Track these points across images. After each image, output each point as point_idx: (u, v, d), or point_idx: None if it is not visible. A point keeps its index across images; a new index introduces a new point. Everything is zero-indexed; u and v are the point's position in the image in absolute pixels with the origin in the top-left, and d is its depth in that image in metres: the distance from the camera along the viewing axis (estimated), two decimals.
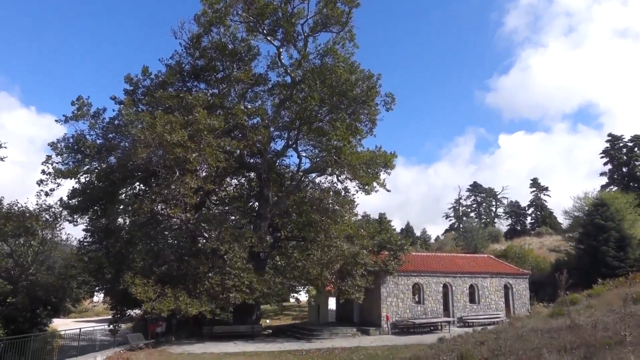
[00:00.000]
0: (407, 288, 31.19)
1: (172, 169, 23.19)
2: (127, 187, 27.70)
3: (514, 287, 35.36)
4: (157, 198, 22.99)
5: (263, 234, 27.24)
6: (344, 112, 25.42)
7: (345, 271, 27.50)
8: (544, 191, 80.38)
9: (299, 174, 30.17)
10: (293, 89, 27.56)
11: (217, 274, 23.72)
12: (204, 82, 30.78)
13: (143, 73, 28.83)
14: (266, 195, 28.48)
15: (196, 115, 23.05)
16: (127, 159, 24.18)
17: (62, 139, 27.25)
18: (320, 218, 26.45)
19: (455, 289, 32.98)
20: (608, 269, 37.59)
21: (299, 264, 26.18)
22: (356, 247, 27.60)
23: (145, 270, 24.15)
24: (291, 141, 29.19)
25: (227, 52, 29.08)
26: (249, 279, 23.81)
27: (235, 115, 25.36)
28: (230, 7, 27.08)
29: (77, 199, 27.47)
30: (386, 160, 28.36)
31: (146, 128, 22.05)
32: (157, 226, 27.79)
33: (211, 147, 22.98)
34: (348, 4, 27.25)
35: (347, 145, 25.75)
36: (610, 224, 41.59)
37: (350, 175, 27.16)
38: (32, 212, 32.55)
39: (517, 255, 49.75)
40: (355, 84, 24.44)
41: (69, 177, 26.52)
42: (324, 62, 26.17)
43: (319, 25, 28.03)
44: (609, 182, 68.13)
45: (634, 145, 67.25)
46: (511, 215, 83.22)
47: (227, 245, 24.08)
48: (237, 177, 32.92)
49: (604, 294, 24.40)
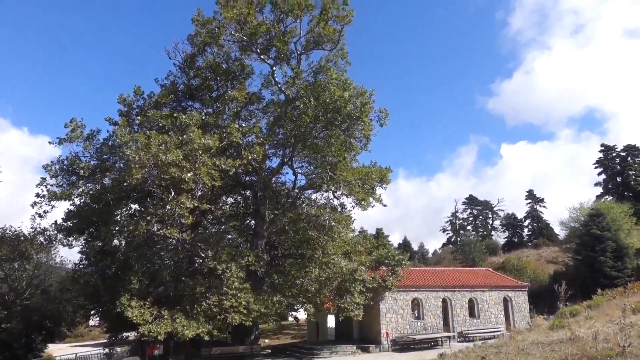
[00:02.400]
0: (406, 304, 31.00)
1: (168, 188, 23.10)
2: (122, 208, 27.53)
3: (513, 300, 35.21)
4: (153, 218, 22.84)
5: (260, 252, 27.08)
6: (338, 129, 25.46)
7: (343, 288, 27.32)
8: (539, 203, 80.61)
9: (295, 191, 30.11)
10: (287, 106, 27.65)
11: (214, 294, 23.49)
12: (199, 101, 30.88)
13: (135, 93, 28.95)
14: (262, 213, 28.38)
15: (191, 135, 23.05)
16: (122, 179, 24.09)
17: (57, 161, 27.18)
18: (317, 235, 26.34)
19: (455, 303, 32.80)
20: (606, 279, 37.58)
21: (297, 281, 26.00)
22: (354, 263, 27.48)
23: (142, 292, 23.88)
24: (286, 158, 29.21)
25: (221, 72, 29.27)
26: (247, 298, 23.58)
27: (230, 134, 25.36)
28: (223, 28, 27.30)
29: (71, 221, 27.28)
30: (381, 175, 28.38)
31: (141, 148, 21.99)
32: (153, 247, 27.56)
33: (206, 166, 22.93)
34: (340, 22, 27.52)
35: (342, 161, 25.76)
36: (607, 234, 41.69)
37: (346, 191, 27.12)
38: (27, 236, 32.34)
39: (515, 268, 49.73)
40: (348, 101, 24.51)
41: (63, 199, 26.36)
42: (317, 80, 26.29)
43: (311, 44, 28.27)
44: (604, 192, 68.50)
45: (627, 155, 67.79)
46: (508, 227, 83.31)
47: (224, 264, 23.89)
48: (233, 196, 32.84)
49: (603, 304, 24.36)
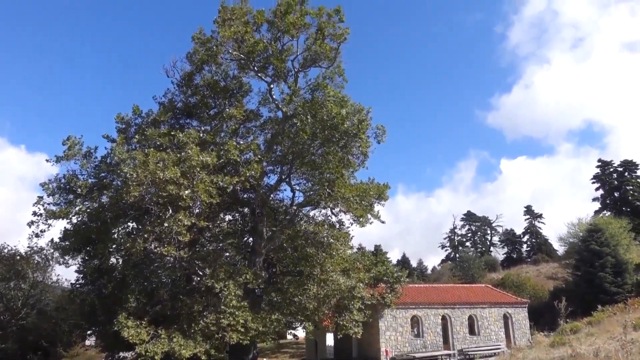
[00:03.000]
0: (405, 321, 30.76)
1: (165, 206, 23.03)
2: (119, 226, 27.39)
3: (514, 317, 34.96)
4: (150, 236, 22.71)
5: (258, 269, 26.90)
6: (336, 146, 25.49)
7: (342, 305, 27.13)
8: (538, 218, 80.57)
9: (293, 207, 30.05)
10: (285, 123, 27.75)
11: (211, 312, 23.26)
12: (197, 119, 30.97)
13: (134, 112, 29.02)
14: (260, 230, 28.27)
15: (189, 152, 23.06)
16: (120, 197, 24.01)
17: (54, 179, 27.09)
18: (315, 252, 26.22)
19: (455, 320, 32.57)
20: (606, 295, 37.40)
21: (295, 299, 25.81)
22: (352, 280, 27.32)
23: (139, 311, 23.66)
24: (284, 175, 29.21)
25: (219, 89, 29.42)
26: (244, 317, 23.35)
27: (227, 151, 25.37)
28: (222, 46, 27.53)
29: (68, 240, 27.11)
30: (379, 192, 28.36)
31: (138, 166, 21.98)
32: (150, 265, 27.38)
33: (204, 184, 22.90)
34: (336, 40, 27.79)
35: (340, 178, 25.76)
36: (606, 250, 41.61)
37: (344, 208, 27.07)
38: (23, 255, 32.14)
39: (515, 284, 49.49)
40: (346, 118, 24.61)
41: (61, 218, 26.24)
42: (314, 97, 26.42)
43: (308, 61, 28.47)
44: (602, 207, 68.55)
45: (624, 170, 68.02)
46: (507, 243, 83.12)
47: (222, 282, 23.72)
48: (231, 213, 32.73)
49: (604, 321, 24.21)
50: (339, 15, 27.46)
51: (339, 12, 27.45)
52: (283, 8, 26.58)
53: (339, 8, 27.42)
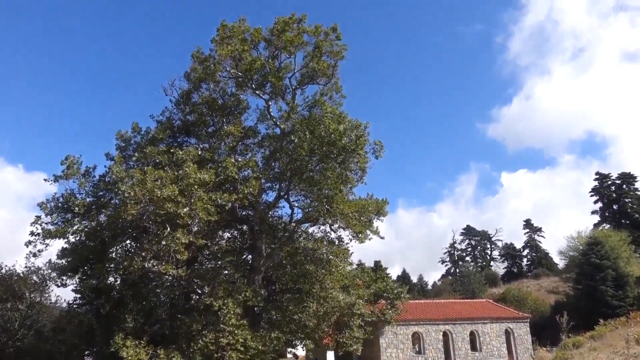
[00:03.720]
0: (406, 338, 30.49)
1: (163, 224, 22.93)
2: (117, 245, 27.26)
3: (515, 332, 34.68)
4: (148, 255, 22.59)
5: (257, 287, 26.72)
6: (334, 162, 25.52)
7: (342, 323, 26.89)
8: (537, 232, 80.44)
9: (292, 224, 29.97)
10: (283, 140, 27.83)
11: (211, 331, 23.02)
12: (195, 136, 31.03)
13: (133, 129, 29.11)
14: (259, 247, 28.15)
15: (187, 170, 23.06)
16: (118, 216, 23.93)
17: (52, 199, 27.03)
18: (314, 268, 26.07)
19: (456, 336, 32.29)
20: (608, 308, 37.17)
21: (295, 317, 25.58)
22: (352, 297, 27.11)
23: (137, 331, 23.43)
24: (283, 192, 29.19)
25: (217, 107, 29.50)
26: (244, 335, 23.11)
27: (226, 169, 25.38)
28: (219, 64, 27.73)
29: (66, 259, 26.96)
30: (378, 208, 28.33)
31: (136, 184, 21.96)
32: (148, 284, 27.21)
33: (202, 201, 22.86)
34: (333, 57, 28.03)
35: (338, 194, 25.74)
36: (606, 263, 41.49)
37: (343, 224, 27.00)
38: (20, 275, 31.88)
39: (516, 299, 49.20)
40: (343, 134, 24.69)
41: (58, 237, 26.12)
42: (312, 113, 26.56)
43: (306, 78, 28.69)
44: (601, 220, 68.52)
45: (622, 183, 68.17)
46: (507, 257, 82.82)
47: (221, 300, 23.52)
48: (230, 231, 32.63)
49: (607, 335, 24.00)
50: (336, 33, 27.78)
51: (335, 30, 27.77)
52: (280, 26, 26.87)
53: (335, 26, 27.75)
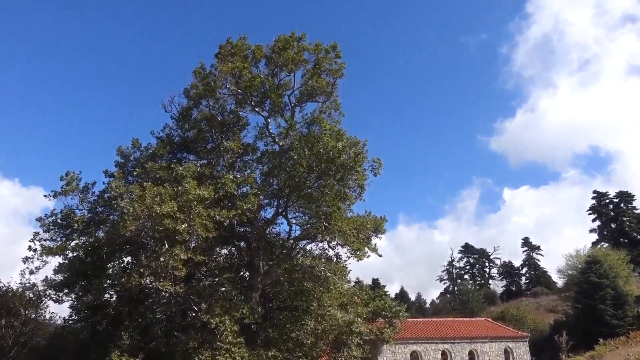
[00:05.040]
0: (405, 357, 30.23)
1: (161, 240, 22.87)
2: (115, 261, 27.14)
3: (515, 352, 34.42)
4: (146, 271, 22.49)
5: (254, 304, 26.53)
6: (333, 179, 25.58)
7: (340, 341, 26.62)
8: (536, 250, 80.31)
9: (290, 241, 29.90)
10: (281, 157, 27.94)
11: (207, 349, 22.78)
12: (194, 153, 31.14)
13: (133, 145, 29.21)
14: (257, 264, 28.03)
15: (186, 186, 23.09)
16: (116, 232, 23.89)
17: (50, 214, 27.02)
18: (312, 286, 25.94)
19: (455, 355, 32.04)
20: (607, 328, 36.94)
21: (292, 334, 25.33)
22: (351, 315, 26.89)
23: (133, 348, 23.16)
24: (281, 209, 29.18)
25: (217, 124, 29.69)
26: (241, 354, 22.89)
27: (224, 185, 25.43)
28: (220, 81, 27.99)
29: (62, 275, 26.78)
30: (376, 225, 28.32)
31: (135, 200, 21.98)
32: (145, 301, 27.01)
33: (201, 218, 22.85)
34: (332, 75, 28.33)
35: (336, 211, 25.74)
36: (605, 282, 41.37)
37: (341, 241, 26.95)
38: (15, 292, 31.62)
39: (515, 317, 48.91)
40: (342, 151, 24.81)
41: (57, 254, 26.03)
42: (311, 131, 26.72)
43: (305, 96, 28.96)
44: (599, 238, 68.53)
45: (620, 202, 68.33)
46: (505, 276, 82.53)
47: (218, 318, 23.32)
48: (227, 247, 32.50)
49: (606, 355, 23.86)
50: (336, 51, 28.16)
51: (335, 48, 28.16)
52: (281, 44, 27.22)
53: (335, 44, 28.15)
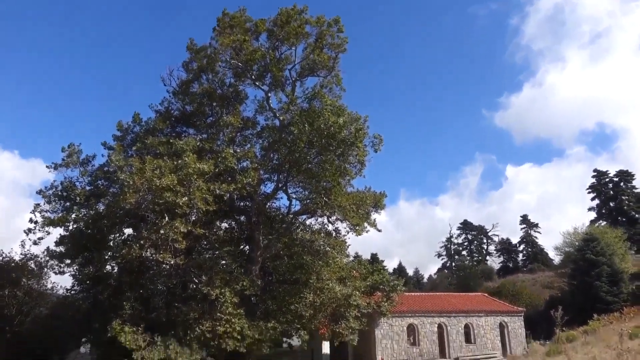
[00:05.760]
0: (401, 329, 30.69)
1: (162, 213, 23.00)
2: (115, 233, 27.35)
3: (510, 326, 34.95)
4: (146, 243, 22.68)
5: (254, 277, 26.85)
6: (333, 154, 25.53)
7: (338, 314, 27.04)
8: (534, 228, 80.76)
9: (290, 216, 30.06)
10: (282, 132, 27.84)
11: (207, 320, 23.16)
12: (193, 127, 31.04)
13: (134, 120, 29.07)
14: (257, 238, 28.26)
15: (186, 160, 23.10)
16: (116, 204, 24.00)
17: (51, 187, 27.11)
18: (311, 260, 26.20)
19: (451, 329, 32.53)
20: (602, 304, 37.46)
21: (291, 307, 25.72)
22: (349, 288, 27.25)
23: (134, 318, 23.52)
24: (281, 183, 29.25)
25: (216, 97, 29.49)
26: (241, 324, 23.28)
27: (224, 159, 25.42)
28: (219, 54, 27.69)
29: (64, 247, 27.03)
30: (376, 200, 28.44)
31: (135, 173, 22.01)
32: (146, 272, 27.31)
33: (201, 191, 22.92)
34: (334, 50, 28.01)
35: (336, 186, 25.80)
36: (602, 259, 41.73)
37: (340, 216, 27.11)
38: (18, 263, 31.96)
39: (511, 293, 49.51)
40: (343, 126, 24.68)
41: (58, 225, 26.19)
42: (311, 106, 26.53)
43: (306, 70, 28.68)
44: (598, 217, 68.82)
45: (620, 180, 68.40)
46: (503, 252, 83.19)
47: (218, 290, 23.64)
48: (228, 221, 32.71)
49: (600, 330, 24.26)
50: (338, 25, 27.76)
51: (338, 22, 27.75)
52: (284, 17, 26.81)
53: (337, 18, 27.72)
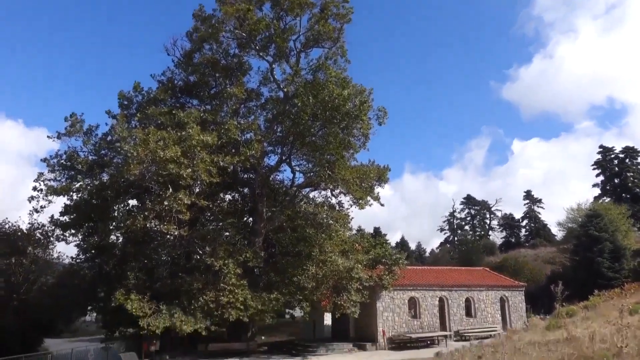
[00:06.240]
0: (403, 302, 30.97)
1: (166, 185, 23.05)
2: (120, 204, 27.46)
3: (510, 300, 35.24)
4: (151, 214, 22.79)
5: (257, 249, 27.06)
6: (337, 127, 25.37)
7: (340, 286, 27.29)
8: (537, 203, 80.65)
9: (293, 188, 30.09)
10: (286, 104, 27.62)
11: (211, 290, 23.45)
12: (197, 98, 30.82)
13: (135, 89, 28.80)
14: (260, 210, 28.36)
15: (189, 131, 23.00)
16: (120, 175, 24.05)
17: (55, 156, 27.16)
18: (314, 233, 26.32)
19: (452, 302, 32.81)
20: (603, 280, 37.62)
21: (294, 279, 25.97)
22: (351, 261, 27.41)
23: (139, 288, 23.84)
24: (285, 156, 29.18)
25: (220, 68, 29.15)
26: (244, 295, 23.56)
27: (228, 131, 25.30)
28: (222, 24, 27.24)
29: (69, 216, 27.22)
30: (379, 174, 28.37)
31: (139, 144, 21.94)
32: (150, 243, 27.54)
33: (204, 163, 22.89)
34: (340, 20, 27.51)
35: (340, 159, 25.71)
36: (604, 235, 41.71)
37: (344, 189, 27.11)
38: (24, 231, 32.25)
39: (513, 268, 49.67)
40: (347, 99, 24.45)
41: (62, 194, 26.30)
42: (316, 77, 26.22)
43: (311, 41, 28.24)
44: (602, 193, 68.58)
45: (625, 157, 67.89)
46: (505, 227, 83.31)
47: (222, 261, 23.86)
48: (231, 193, 32.79)
49: (600, 305, 24.38)
50: None
51: None
52: None
53: None
